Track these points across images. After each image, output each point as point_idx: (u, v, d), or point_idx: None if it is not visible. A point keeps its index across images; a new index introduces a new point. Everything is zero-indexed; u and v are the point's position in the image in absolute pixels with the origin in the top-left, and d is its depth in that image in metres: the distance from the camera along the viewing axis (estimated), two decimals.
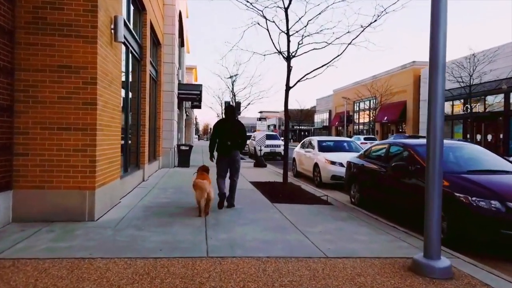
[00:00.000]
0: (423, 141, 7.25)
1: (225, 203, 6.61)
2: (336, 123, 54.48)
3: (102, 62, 5.46)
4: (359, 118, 49.04)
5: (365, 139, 29.64)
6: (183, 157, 14.43)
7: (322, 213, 6.44)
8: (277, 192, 8.36)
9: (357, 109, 49.24)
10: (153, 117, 12.70)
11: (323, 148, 11.72)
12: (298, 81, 9.06)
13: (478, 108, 28.28)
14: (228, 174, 6.67)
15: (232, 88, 22.98)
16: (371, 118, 40.68)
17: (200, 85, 15.92)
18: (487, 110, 27.17)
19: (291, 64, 8.86)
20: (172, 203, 6.83)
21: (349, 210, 6.86)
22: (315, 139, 12.37)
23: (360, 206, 7.43)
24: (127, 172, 8.08)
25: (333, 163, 10.38)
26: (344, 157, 10.63)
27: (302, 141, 13.85)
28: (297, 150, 13.71)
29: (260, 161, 16.13)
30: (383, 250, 4.41)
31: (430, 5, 3.77)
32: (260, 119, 16.43)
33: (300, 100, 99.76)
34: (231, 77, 23.26)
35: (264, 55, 9.68)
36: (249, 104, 23.55)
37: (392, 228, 5.55)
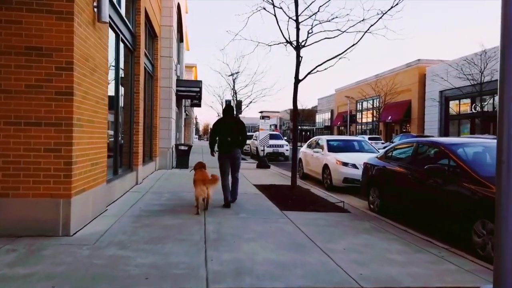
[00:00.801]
0: (460, 139, 6.35)
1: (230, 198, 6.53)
2: (338, 123, 53.55)
3: (81, 44, 4.54)
4: (361, 118, 48.13)
5: (369, 139, 28.53)
6: (182, 158, 13.52)
7: (341, 224, 5.52)
8: (285, 197, 7.45)
9: (360, 108, 48.34)
10: (149, 115, 11.78)
11: (332, 148, 10.80)
12: (309, 73, 8.15)
13: (486, 107, 27.39)
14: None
15: (233, 86, 22.06)
16: (375, 118, 39.78)
17: (200, 82, 15.02)
18: (496, 109, 26.30)
19: (301, 55, 7.94)
20: (167, 211, 5.91)
21: (371, 220, 5.94)
22: (323, 138, 11.46)
23: (381, 213, 6.52)
24: (117, 175, 7.17)
25: (345, 164, 9.46)
26: (356, 157, 9.74)
27: (309, 141, 12.95)
28: (303, 150, 12.80)
29: (263, 162, 15.21)
30: (430, 277, 3.49)
31: None
32: (263, 117, 15.51)
33: (301, 100, 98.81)
34: (232, 74, 22.36)
35: (270, 45, 8.77)
36: (250, 102, 22.65)
37: (428, 244, 4.63)
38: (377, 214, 6.45)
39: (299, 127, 57.81)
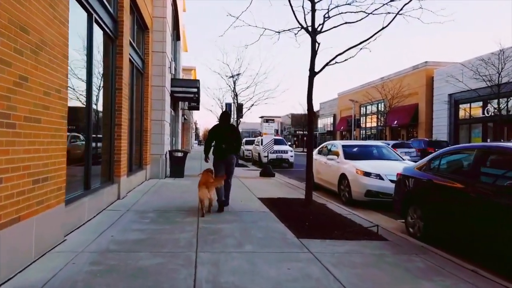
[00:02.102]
0: None
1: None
2: (341, 127, 52.08)
3: (12, 7, 3.09)
4: (365, 122, 46.68)
5: (395, 146, 23.04)
6: (176, 166, 12.03)
7: (384, 261, 4.01)
8: (300, 217, 5.97)
9: (364, 112, 46.90)
10: (138, 117, 10.33)
11: (349, 154, 9.32)
12: (327, 64, 6.70)
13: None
14: None
15: (234, 88, 20.62)
16: (381, 122, 38.31)
17: (197, 81, 13.56)
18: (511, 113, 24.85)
19: (318, 41, 6.49)
20: (147, 241, 4.41)
21: (419, 252, 4.44)
22: (338, 144, 9.97)
23: (425, 239, 5.03)
24: (89, 190, 5.67)
25: (367, 174, 7.97)
26: (380, 166, 8.26)
27: (320, 146, 11.46)
28: (314, 157, 11.32)
29: (267, 169, 13.72)
30: None
31: None
32: (267, 120, 14.06)
33: (303, 104, 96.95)
34: (232, 76, 20.91)
35: (279, 32, 7.32)
36: (252, 105, 21.13)
37: None
38: (422, 242, 4.96)
39: (302, 132, 56.41)
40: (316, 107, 62.29)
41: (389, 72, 42.66)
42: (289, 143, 29.81)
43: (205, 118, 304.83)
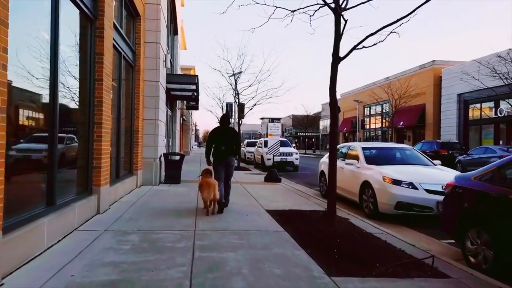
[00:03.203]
0: None
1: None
2: (345, 129, 50.79)
3: None
4: (370, 124, 45.39)
5: (444, 145, 21.26)
6: (172, 170, 10.73)
7: None
8: (324, 239, 4.69)
9: (368, 113, 45.62)
10: (128, 115, 9.06)
11: (372, 158, 8.03)
12: (355, 47, 5.39)
13: None
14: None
15: (235, 86, 19.31)
16: (387, 124, 37.01)
17: (196, 77, 12.23)
18: None
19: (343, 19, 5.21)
20: (121, 285, 3.12)
21: None
22: (357, 146, 8.66)
23: (496, 274, 3.75)
24: (51, 206, 4.37)
25: (396, 182, 6.67)
26: (412, 172, 6.99)
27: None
28: (326, 160, 10.05)
29: (273, 174, 12.42)
30: None
31: None
32: (272, 120, 12.76)
33: (304, 105, 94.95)
34: (234, 74, 19.59)
35: (293, 11, 6.04)
36: (255, 104, 19.75)
37: None
38: (492, 277, 3.68)
39: (304, 134, 55.14)
40: (317, 108, 60.98)
41: (394, 72, 41.42)
42: (293, 145, 28.45)
43: (205, 119, 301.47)
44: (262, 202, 7.80)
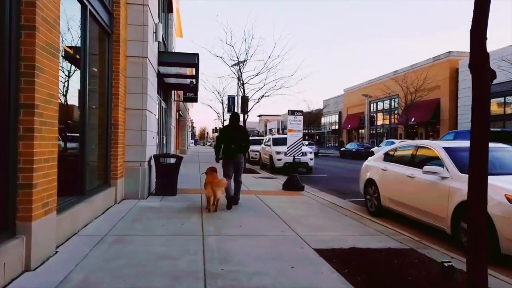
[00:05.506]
0: None
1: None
2: (349, 125, 48.31)
3: None
4: (376, 120, 42.92)
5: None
6: (166, 178, 8.04)
7: None
8: None
9: (374, 109, 43.12)
10: (103, 102, 6.38)
11: (464, 164, 5.34)
12: None
13: None
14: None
15: (240, 75, 16.56)
16: (395, 120, 34.50)
17: (196, 56, 9.45)
18: None
19: None
20: None
21: None
22: (437, 145, 5.94)
23: None
24: None
25: None
26: None
27: (390, 148, 7.50)
28: (375, 164, 7.40)
29: (294, 180, 9.81)
30: None
31: None
32: (293, 112, 10.08)
33: (308, 100, 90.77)
34: (238, 63, 16.81)
35: None
36: (262, 96, 16.98)
37: None
38: None
39: (307, 131, 52.49)
40: (319, 105, 58.37)
41: (403, 65, 38.90)
42: (307, 143, 25.72)
43: (201, 115, 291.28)
44: (300, 231, 5.17)
